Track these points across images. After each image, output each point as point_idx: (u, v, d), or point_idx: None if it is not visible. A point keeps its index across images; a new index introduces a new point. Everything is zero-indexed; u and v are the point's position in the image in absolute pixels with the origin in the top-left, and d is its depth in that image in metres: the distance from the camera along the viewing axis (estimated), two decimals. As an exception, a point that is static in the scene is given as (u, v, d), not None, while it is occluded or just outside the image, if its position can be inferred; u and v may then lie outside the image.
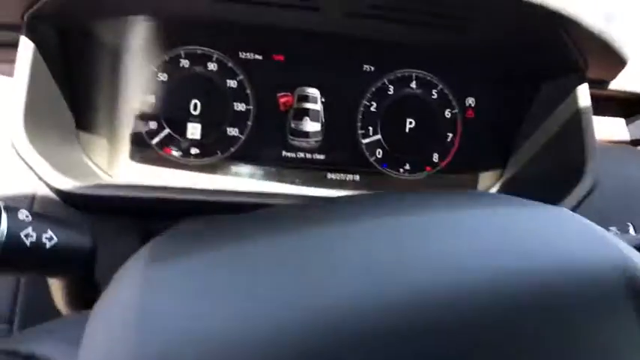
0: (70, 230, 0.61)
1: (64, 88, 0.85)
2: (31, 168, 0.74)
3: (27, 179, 0.78)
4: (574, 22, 0.77)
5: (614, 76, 0.91)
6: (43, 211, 0.75)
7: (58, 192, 0.74)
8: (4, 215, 0.55)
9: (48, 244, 0.57)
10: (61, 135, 0.85)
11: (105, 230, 0.79)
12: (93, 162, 0.90)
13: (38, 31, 0.80)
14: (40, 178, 0.74)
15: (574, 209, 0.81)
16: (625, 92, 0.95)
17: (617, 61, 0.85)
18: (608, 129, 1.11)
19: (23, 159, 0.74)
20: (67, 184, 0.75)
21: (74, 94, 0.88)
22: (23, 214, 0.57)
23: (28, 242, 0.56)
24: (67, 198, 0.75)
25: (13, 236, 0.54)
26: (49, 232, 0.58)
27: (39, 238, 0.57)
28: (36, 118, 0.77)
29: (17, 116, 0.74)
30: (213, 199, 0.80)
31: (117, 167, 0.92)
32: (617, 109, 1.02)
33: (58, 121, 0.85)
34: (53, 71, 0.82)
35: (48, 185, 0.74)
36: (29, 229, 0.56)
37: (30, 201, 0.76)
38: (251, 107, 0.96)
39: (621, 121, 1.04)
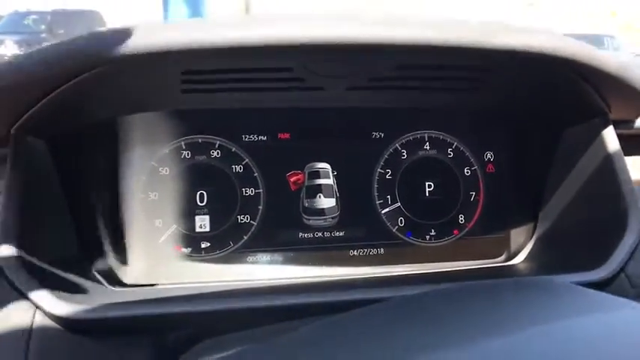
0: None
1: (59, 198, 0.80)
2: (24, 296, 0.66)
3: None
4: (590, 67, 0.73)
5: (639, 114, 0.86)
6: (39, 351, 0.65)
7: (58, 319, 0.66)
8: None
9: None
10: (60, 247, 0.79)
11: (113, 352, 0.71)
12: (97, 271, 0.83)
13: (26, 143, 0.75)
14: (37, 307, 0.66)
15: (626, 264, 0.74)
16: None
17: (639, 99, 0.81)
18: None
19: (16, 287, 0.66)
20: (68, 308, 0.67)
21: (72, 201, 0.82)
22: None
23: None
24: (69, 325, 0.67)
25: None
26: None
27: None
28: (30, 235, 0.71)
29: (8, 239, 0.67)
30: (231, 306, 0.71)
31: (124, 272, 0.85)
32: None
33: (57, 233, 0.79)
34: (47, 183, 0.77)
35: (46, 313, 0.66)
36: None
37: (27, 332, 0.67)
38: (260, 190, 0.90)
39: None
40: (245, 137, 0.91)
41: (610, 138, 0.81)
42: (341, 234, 0.92)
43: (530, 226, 0.95)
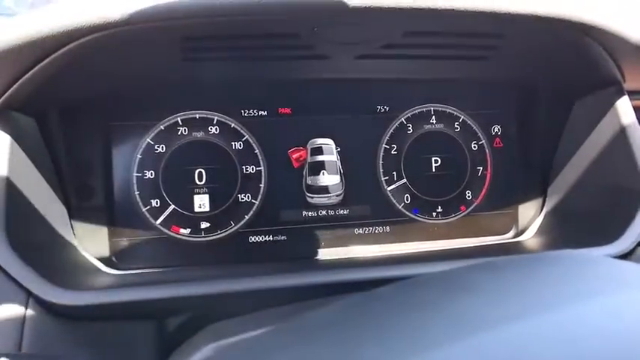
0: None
1: (50, 177, 0.76)
2: (17, 283, 0.62)
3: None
4: (609, 33, 0.69)
5: (653, 84, 0.83)
6: (34, 333, 0.61)
7: (52, 306, 0.62)
8: None
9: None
10: (51, 230, 0.74)
11: (111, 338, 0.67)
12: (91, 254, 0.79)
13: (13, 119, 0.70)
14: (31, 294, 0.62)
15: None
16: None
17: (656, 68, 0.78)
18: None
19: (7, 274, 0.62)
20: (62, 296, 0.63)
21: (64, 181, 0.78)
22: None
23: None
24: (63, 312, 0.63)
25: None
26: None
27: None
28: (20, 217, 0.67)
29: None
30: (233, 288, 0.68)
31: (119, 255, 0.82)
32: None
33: (48, 214, 0.74)
34: (36, 161, 0.72)
35: (39, 300, 0.62)
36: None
37: (21, 320, 0.63)
38: (262, 168, 0.87)
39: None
40: (244, 112, 0.87)
41: (625, 108, 0.79)
42: (345, 212, 0.89)
43: (539, 201, 0.93)
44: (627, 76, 0.79)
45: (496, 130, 0.94)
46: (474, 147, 0.93)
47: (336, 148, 0.89)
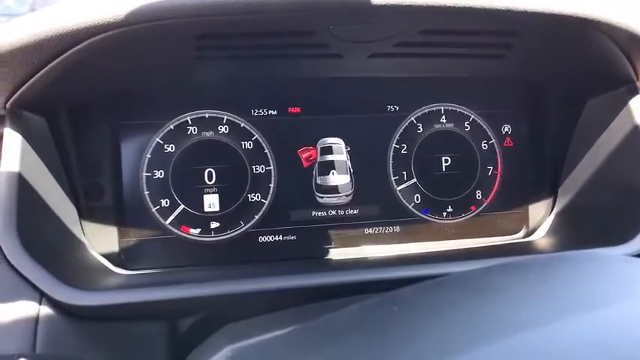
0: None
1: (60, 176, 0.75)
2: (30, 283, 0.62)
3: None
4: (623, 29, 0.69)
5: (668, 83, 0.83)
6: (48, 334, 0.61)
7: (65, 306, 0.62)
8: None
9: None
10: (62, 230, 0.74)
11: (124, 339, 0.67)
12: (101, 254, 0.79)
13: (24, 118, 0.70)
14: (43, 294, 0.62)
15: None
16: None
17: (669, 67, 0.77)
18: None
19: (20, 274, 0.62)
20: (74, 296, 0.62)
21: (73, 180, 0.78)
22: None
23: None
24: (76, 312, 0.63)
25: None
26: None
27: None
28: (32, 216, 0.67)
29: (8, 225, 0.62)
30: (244, 289, 0.67)
31: (129, 255, 0.81)
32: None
33: (59, 213, 0.74)
34: (47, 160, 0.72)
35: (52, 300, 0.62)
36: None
37: (34, 321, 0.62)
38: (271, 168, 0.86)
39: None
40: (254, 112, 0.87)
41: (638, 107, 0.78)
42: (355, 212, 0.88)
43: (550, 201, 0.92)
44: (640, 75, 0.79)
45: (506, 129, 0.94)
46: (485, 146, 0.93)
47: (346, 148, 0.88)
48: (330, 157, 0.88)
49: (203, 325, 0.69)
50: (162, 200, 0.83)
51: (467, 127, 0.92)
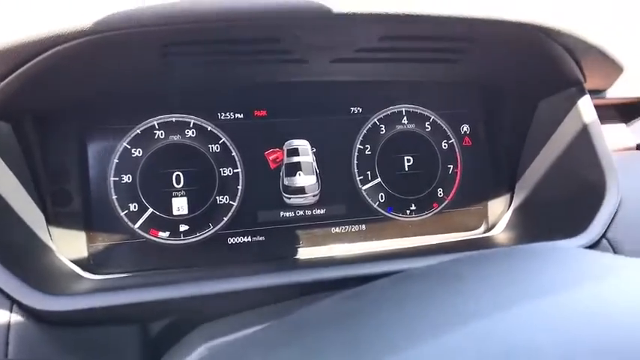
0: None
1: (27, 183, 0.75)
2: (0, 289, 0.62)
3: None
4: (571, 36, 0.73)
5: (611, 84, 0.88)
6: (20, 341, 0.62)
7: (37, 312, 0.62)
8: None
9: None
10: (30, 235, 0.74)
11: (97, 343, 0.68)
12: (70, 259, 0.79)
13: None
14: (12, 300, 0.62)
15: (607, 229, 0.76)
16: (624, 98, 0.92)
17: (614, 70, 0.82)
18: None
19: None
20: (45, 302, 0.63)
21: (40, 186, 0.78)
22: None
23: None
24: (48, 317, 0.63)
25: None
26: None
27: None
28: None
29: None
30: (214, 290, 0.69)
31: (98, 260, 0.82)
32: (616, 116, 1.00)
33: (26, 219, 0.74)
34: (12, 167, 0.72)
35: (23, 306, 0.62)
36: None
37: (6, 328, 0.63)
38: (239, 170, 0.88)
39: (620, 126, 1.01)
40: (220, 115, 0.88)
41: (586, 107, 0.83)
42: (322, 212, 0.91)
43: (507, 197, 0.97)
44: (588, 77, 0.83)
45: (465, 129, 0.98)
46: (445, 146, 0.96)
47: (312, 149, 0.91)
48: (296, 159, 0.90)
49: (175, 327, 0.70)
50: (130, 204, 0.84)
51: (427, 128, 0.96)
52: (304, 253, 0.89)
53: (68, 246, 0.80)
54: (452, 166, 0.96)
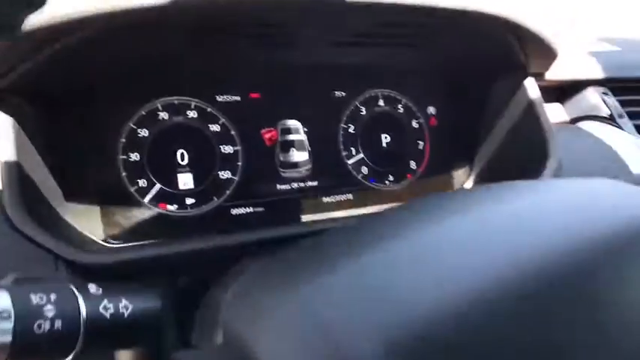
0: (140, 295, 0.57)
1: (47, 161, 0.80)
2: (43, 247, 0.67)
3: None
4: (523, 28, 0.89)
5: (548, 68, 1.06)
6: None
7: (78, 265, 0.68)
8: (77, 294, 0.50)
9: (126, 314, 0.54)
10: (51, 211, 0.78)
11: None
12: (89, 232, 0.83)
13: (14, 104, 0.74)
14: (57, 256, 0.67)
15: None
16: (558, 80, 1.11)
17: (551, 55, 1.00)
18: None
19: (29, 236, 0.67)
20: (86, 256, 0.70)
21: (58, 166, 0.82)
22: (93, 288, 0.53)
23: (107, 315, 0.52)
24: (90, 270, 0.69)
25: (93, 312, 0.50)
26: (124, 301, 0.54)
27: (116, 308, 0.53)
28: (27, 194, 0.71)
29: (12, 192, 0.68)
30: (234, 241, 0.79)
31: (113, 233, 0.87)
32: (552, 95, 1.20)
33: (47, 196, 0.78)
34: (35, 145, 0.77)
35: (66, 261, 0.68)
36: (105, 302, 0.52)
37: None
38: (238, 148, 0.96)
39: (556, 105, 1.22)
40: (219, 97, 0.96)
41: (531, 87, 1.00)
42: (314, 184, 1.01)
43: (469, 167, 1.13)
44: (530, 63, 1.01)
45: (431, 110, 1.12)
46: (415, 125, 1.11)
47: (303, 129, 1.01)
48: (290, 137, 1.00)
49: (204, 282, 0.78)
50: (139, 180, 0.89)
51: (400, 110, 1.10)
52: (300, 219, 0.98)
53: (85, 221, 0.84)
54: (422, 143, 1.11)
